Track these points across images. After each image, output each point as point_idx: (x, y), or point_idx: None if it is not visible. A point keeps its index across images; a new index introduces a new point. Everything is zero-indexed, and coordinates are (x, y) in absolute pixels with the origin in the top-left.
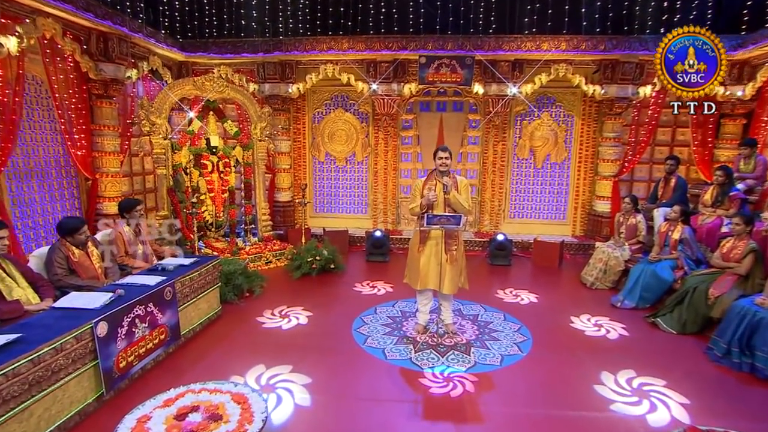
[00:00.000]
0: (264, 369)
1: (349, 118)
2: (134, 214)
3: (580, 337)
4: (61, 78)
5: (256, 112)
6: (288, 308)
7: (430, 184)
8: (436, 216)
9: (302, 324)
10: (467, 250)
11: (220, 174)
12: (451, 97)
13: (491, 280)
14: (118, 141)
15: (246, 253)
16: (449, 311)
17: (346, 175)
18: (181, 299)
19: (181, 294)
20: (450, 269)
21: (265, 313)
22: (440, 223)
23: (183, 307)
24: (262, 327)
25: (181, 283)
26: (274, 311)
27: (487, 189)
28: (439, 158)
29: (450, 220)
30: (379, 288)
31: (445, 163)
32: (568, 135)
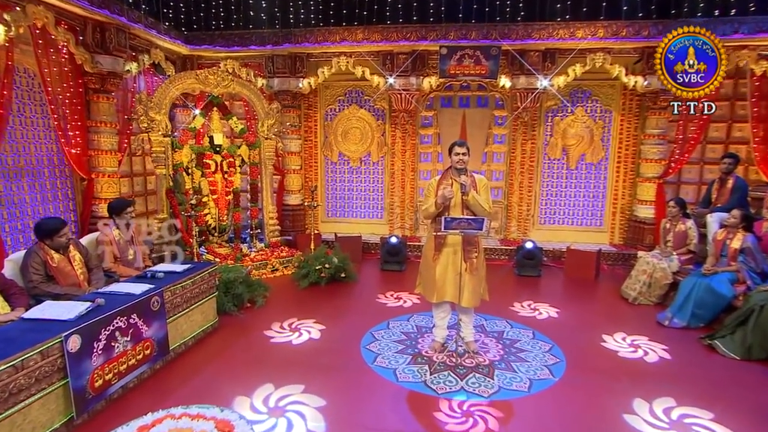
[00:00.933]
0: (273, 389)
1: (364, 116)
2: (125, 216)
3: (613, 359)
4: (55, 71)
5: (264, 109)
6: (299, 321)
7: (446, 184)
8: (454, 219)
9: (314, 338)
10: (491, 258)
11: (224, 174)
12: (475, 92)
13: (518, 292)
14: (115, 139)
15: (251, 259)
16: (470, 327)
17: (360, 177)
18: (170, 310)
19: (171, 304)
20: (470, 279)
21: (273, 326)
22: (460, 228)
23: (173, 319)
24: (271, 342)
25: (171, 292)
26: (283, 324)
27: (514, 192)
28: (455, 154)
29: (471, 224)
30: (396, 299)
31: (462, 159)
32: (606, 132)
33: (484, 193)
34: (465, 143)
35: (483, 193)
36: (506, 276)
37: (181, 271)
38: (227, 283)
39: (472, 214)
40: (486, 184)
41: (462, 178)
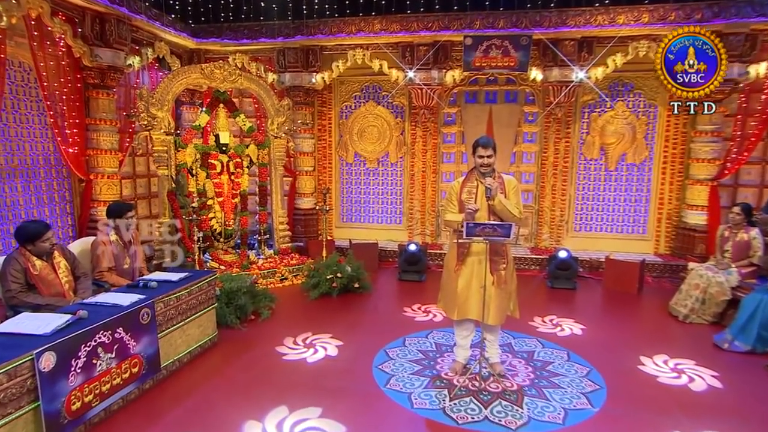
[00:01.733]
0: (287, 412)
1: (382, 113)
2: (125, 221)
3: (652, 385)
4: (51, 65)
5: (274, 105)
6: (314, 336)
7: (470, 187)
8: (478, 225)
9: (331, 356)
10: (520, 268)
11: (230, 176)
12: (503, 86)
13: (551, 307)
14: (116, 137)
15: (258, 267)
16: (496, 347)
17: (377, 179)
18: (163, 323)
19: (163, 317)
20: (497, 294)
21: (286, 341)
22: (484, 235)
23: (165, 333)
24: (283, 359)
25: (164, 303)
26: (297, 339)
27: (546, 196)
28: (478, 156)
29: (497, 230)
30: (414, 312)
31: (486, 163)
32: (650, 129)
33: (513, 197)
34: (490, 142)
35: (512, 197)
36: (537, 288)
37: (176, 280)
38: (229, 294)
39: (500, 219)
40: (516, 187)
41: (488, 180)
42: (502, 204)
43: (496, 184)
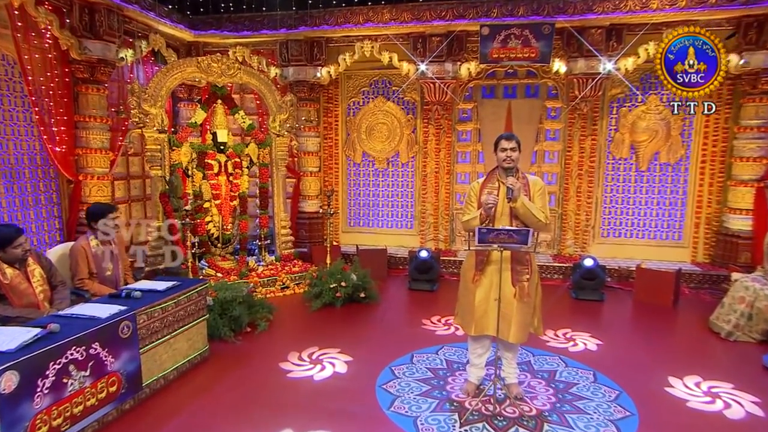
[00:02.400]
0: None
1: (392, 109)
2: (105, 223)
3: (681, 410)
4: (37, 57)
5: (276, 101)
6: (319, 351)
7: (491, 188)
8: (491, 230)
9: (340, 373)
10: (542, 278)
11: (228, 176)
12: (523, 79)
13: (575, 320)
14: (107, 136)
15: (257, 275)
16: (513, 366)
17: (387, 180)
18: (146, 337)
19: (147, 330)
20: (519, 309)
21: (290, 357)
22: (498, 241)
23: (149, 347)
24: (288, 377)
25: (147, 315)
26: (302, 354)
27: (570, 198)
28: (501, 149)
29: (512, 236)
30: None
31: (510, 156)
32: (686, 125)
33: (539, 200)
34: (514, 136)
35: (538, 200)
36: (560, 300)
37: (162, 289)
38: (223, 304)
39: (524, 225)
40: (542, 189)
41: (509, 180)
42: (526, 207)
43: (519, 184)
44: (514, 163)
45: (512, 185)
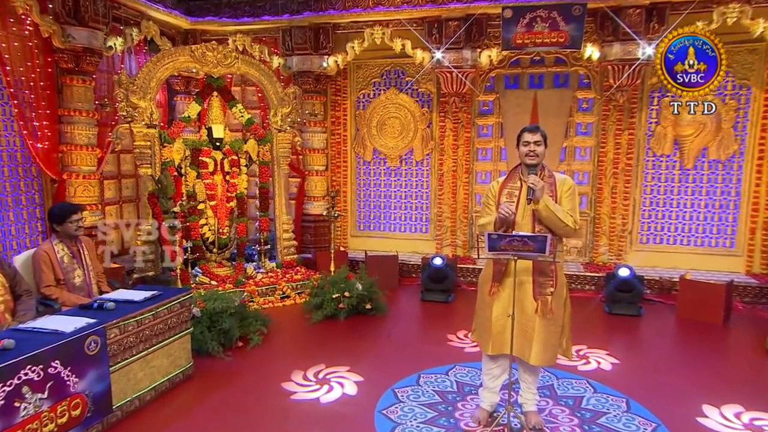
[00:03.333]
0: None
1: (406, 102)
2: (69, 226)
3: None
4: (16, 46)
5: (277, 94)
6: (328, 369)
7: (511, 187)
8: (502, 236)
9: (350, 395)
10: (572, 289)
11: (225, 175)
12: (551, 67)
13: (608, 338)
14: (93, 131)
15: (255, 283)
16: (533, 391)
17: (400, 180)
18: (118, 353)
19: (119, 345)
20: (543, 326)
21: (294, 376)
22: (511, 249)
23: (121, 365)
24: (291, 399)
25: (119, 329)
26: (307, 373)
27: (604, 200)
28: (524, 143)
29: (526, 243)
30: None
31: (533, 151)
32: (740, 117)
33: (567, 202)
34: (539, 129)
35: (566, 202)
36: (591, 315)
37: (140, 300)
38: (213, 316)
39: (548, 230)
40: (571, 189)
41: (531, 178)
42: (550, 209)
43: (542, 183)
44: (538, 158)
45: (534, 184)
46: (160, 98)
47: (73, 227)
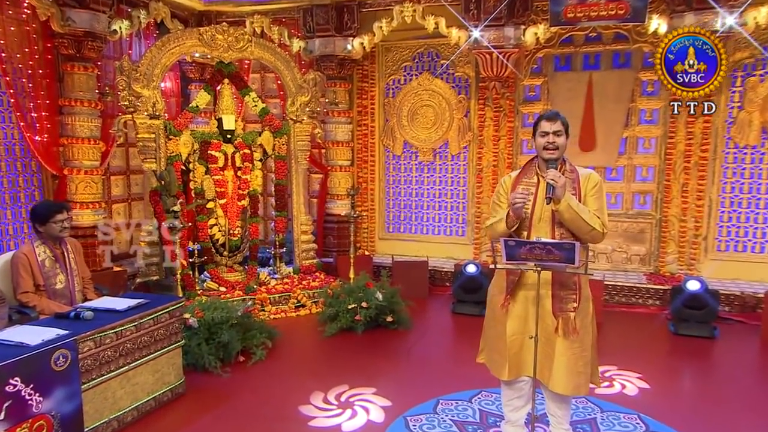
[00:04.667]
0: None
1: (440, 88)
2: (53, 226)
3: None
4: (12, 30)
5: (295, 80)
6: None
7: (527, 183)
8: (522, 243)
9: (376, 423)
10: (632, 303)
11: (236, 171)
12: (610, 45)
13: (671, 364)
14: (97, 123)
15: (267, 290)
16: (565, 427)
17: (433, 176)
18: (93, 368)
19: (94, 360)
20: (566, 348)
21: (313, 398)
22: (533, 257)
23: (96, 382)
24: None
25: (95, 342)
26: (328, 395)
27: (672, 199)
28: (541, 133)
29: (551, 251)
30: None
31: (552, 143)
32: None
33: (593, 201)
34: (559, 116)
35: (592, 201)
36: (654, 335)
37: (122, 309)
38: (211, 327)
39: (570, 235)
40: (598, 186)
41: (550, 173)
42: (573, 210)
43: (563, 180)
44: (558, 152)
45: (553, 180)
46: (173, 86)
47: (57, 228)
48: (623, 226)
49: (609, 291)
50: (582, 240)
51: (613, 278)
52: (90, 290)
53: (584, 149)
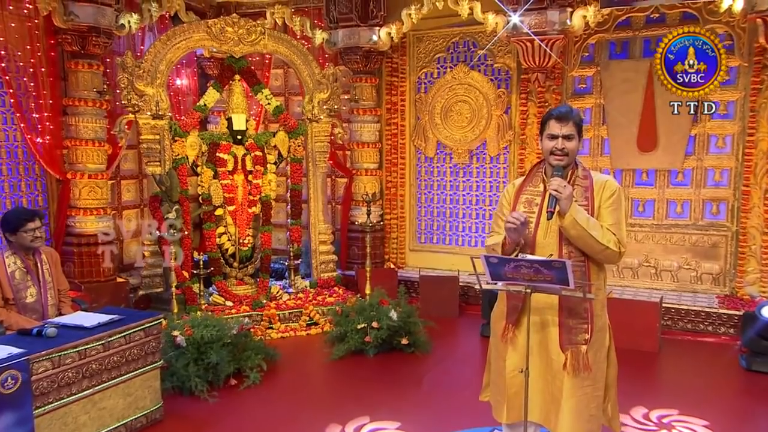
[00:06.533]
0: None
1: (477, 81)
2: (23, 236)
3: None
4: (13, 27)
5: (313, 76)
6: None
7: (531, 193)
8: (507, 261)
9: None
10: (701, 331)
11: (247, 175)
12: (675, 27)
13: (746, 410)
14: (101, 124)
15: (277, 306)
16: None
17: (470, 181)
18: (50, 391)
19: (51, 382)
20: (574, 387)
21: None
22: (521, 277)
23: (54, 407)
24: None
25: (53, 362)
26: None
27: (753, 209)
28: (549, 135)
29: (540, 270)
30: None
31: (562, 149)
32: None
33: (609, 215)
34: (571, 114)
35: (607, 214)
36: (721, 370)
37: (90, 326)
38: (200, 346)
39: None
40: (615, 195)
41: (554, 182)
42: (580, 226)
43: (569, 190)
44: (568, 159)
45: (557, 191)
46: (190, 84)
47: (28, 237)
48: (692, 240)
49: (671, 315)
50: (595, 259)
51: (677, 300)
52: (66, 304)
53: (643, 149)
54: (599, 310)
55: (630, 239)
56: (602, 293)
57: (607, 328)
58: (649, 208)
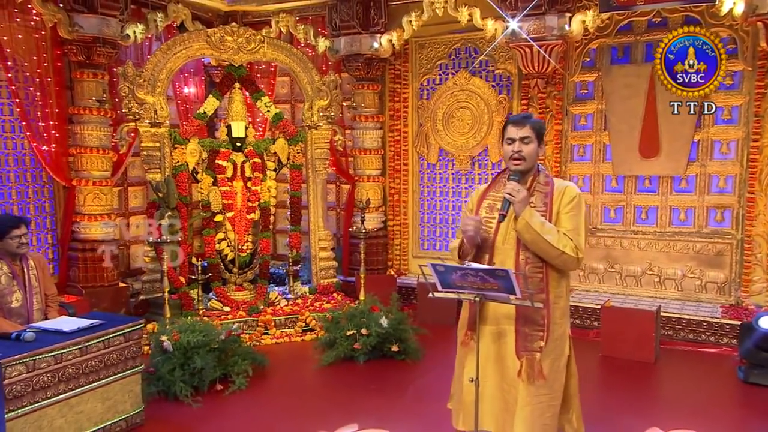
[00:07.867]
0: None
1: (478, 87)
2: (9, 242)
3: None
4: (20, 38)
5: (313, 83)
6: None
7: (494, 198)
8: (453, 269)
9: None
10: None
11: (246, 182)
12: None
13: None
14: (105, 131)
15: (273, 312)
16: None
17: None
18: (24, 395)
19: (25, 386)
20: (529, 396)
21: None
22: (467, 286)
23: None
24: None
25: (27, 366)
26: None
27: (758, 216)
28: (507, 140)
29: (486, 279)
30: None
31: (518, 152)
32: None
33: (568, 220)
34: (528, 119)
35: (566, 220)
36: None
37: (69, 331)
38: (186, 351)
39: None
40: (575, 201)
41: (509, 186)
42: (533, 230)
43: (523, 194)
44: (526, 163)
45: (511, 194)
46: (197, 92)
47: (14, 244)
48: (696, 248)
49: (672, 325)
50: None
51: (679, 310)
52: (53, 309)
53: (645, 156)
54: (558, 318)
55: (633, 247)
56: (563, 301)
57: (567, 337)
58: (652, 216)
